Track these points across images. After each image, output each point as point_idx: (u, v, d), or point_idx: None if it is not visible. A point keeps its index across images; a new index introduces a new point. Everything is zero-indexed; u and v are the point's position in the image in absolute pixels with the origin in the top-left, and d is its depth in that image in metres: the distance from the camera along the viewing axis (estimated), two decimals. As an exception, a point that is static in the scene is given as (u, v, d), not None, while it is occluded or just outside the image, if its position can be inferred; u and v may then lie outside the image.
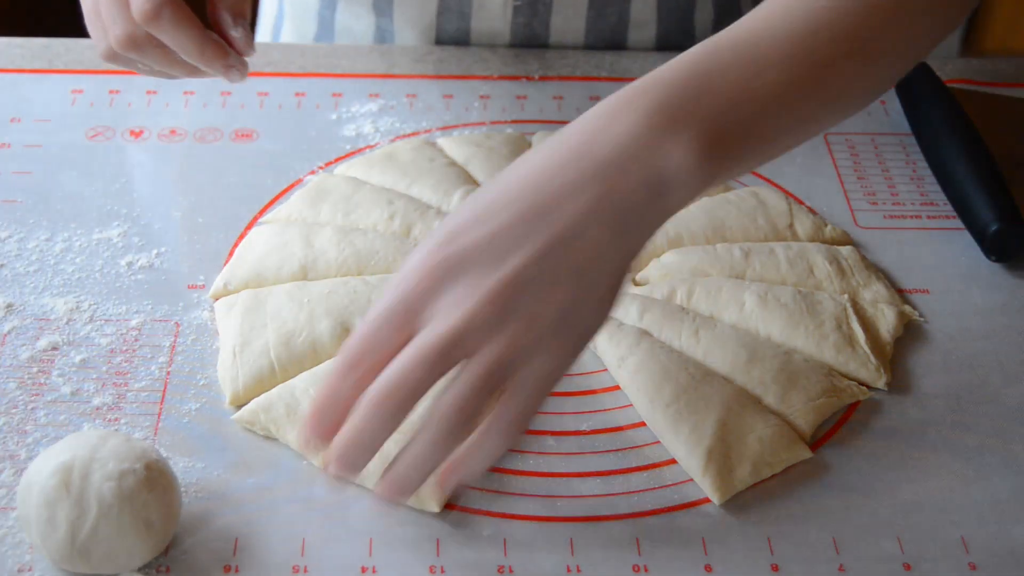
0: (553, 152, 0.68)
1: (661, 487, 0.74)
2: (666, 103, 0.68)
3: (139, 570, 0.68)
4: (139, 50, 0.78)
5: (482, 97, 1.03)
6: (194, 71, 0.81)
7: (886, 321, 0.83)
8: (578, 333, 0.67)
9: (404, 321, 0.66)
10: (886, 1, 0.73)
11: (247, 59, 0.81)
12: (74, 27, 0.94)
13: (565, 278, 0.66)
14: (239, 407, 0.77)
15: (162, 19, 0.76)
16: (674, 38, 1.10)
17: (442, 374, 0.66)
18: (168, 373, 0.79)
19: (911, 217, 0.94)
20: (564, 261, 0.66)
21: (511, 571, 0.70)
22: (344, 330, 0.80)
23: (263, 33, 1.21)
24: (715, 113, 0.69)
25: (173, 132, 0.98)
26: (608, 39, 1.09)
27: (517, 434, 0.67)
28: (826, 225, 0.91)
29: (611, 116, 0.68)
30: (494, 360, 0.65)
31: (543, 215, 0.66)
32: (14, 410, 0.76)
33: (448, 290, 0.66)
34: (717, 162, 0.69)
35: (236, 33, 0.80)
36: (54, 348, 0.80)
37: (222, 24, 0.80)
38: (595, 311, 0.68)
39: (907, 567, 0.70)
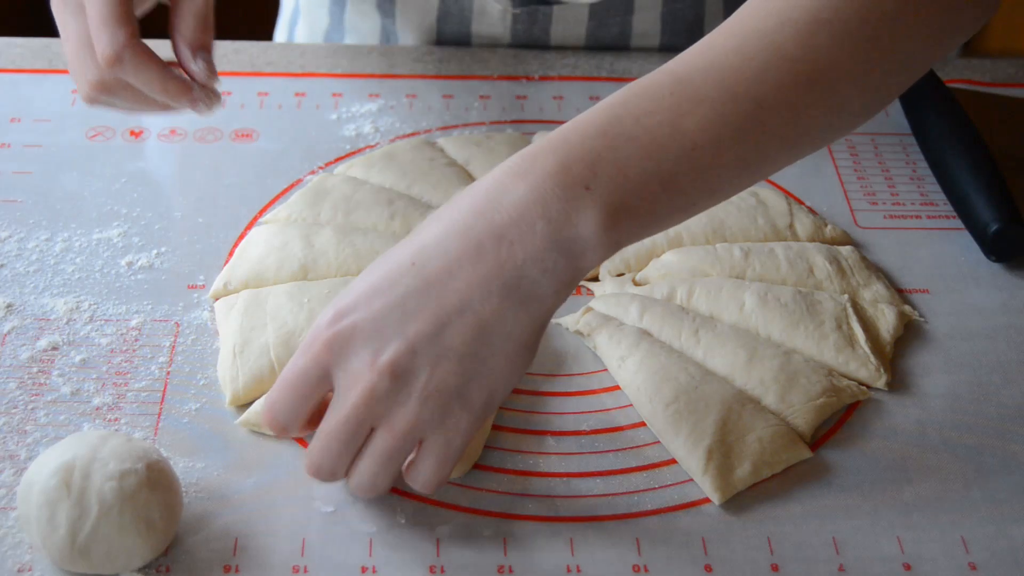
0: (451, 219, 0.67)
1: (661, 487, 0.74)
2: (568, 163, 0.66)
3: (139, 570, 0.68)
4: (111, 93, 0.81)
5: (482, 97, 1.03)
6: (166, 107, 0.83)
7: (886, 321, 0.83)
8: (482, 401, 0.68)
9: (312, 389, 0.69)
10: (840, 29, 0.68)
11: (218, 88, 0.83)
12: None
13: (457, 352, 0.66)
14: (239, 407, 0.77)
15: (124, 62, 0.78)
16: (683, 47, 1.09)
17: (359, 443, 0.68)
18: (168, 373, 0.79)
19: (911, 217, 0.93)
20: (455, 335, 0.66)
21: (511, 571, 0.70)
22: (344, 330, 0.80)
23: (281, 28, 1.22)
24: (622, 170, 0.65)
25: (173, 132, 0.98)
26: (610, 49, 1.09)
27: (430, 492, 0.70)
28: (826, 225, 0.91)
29: (514, 176, 0.66)
30: (398, 433, 0.67)
31: (434, 287, 0.66)
32: (14, 410, 0.76)
33: (344, 365, 0.67)
34: (626, 223, 0.66)
35: (196, 67, 0.82)
36: (54, 348, 0.80)
37: (182, 59, 0.82)
38: (498, 380, 0.68)
39: (907, 567, 0.70)
